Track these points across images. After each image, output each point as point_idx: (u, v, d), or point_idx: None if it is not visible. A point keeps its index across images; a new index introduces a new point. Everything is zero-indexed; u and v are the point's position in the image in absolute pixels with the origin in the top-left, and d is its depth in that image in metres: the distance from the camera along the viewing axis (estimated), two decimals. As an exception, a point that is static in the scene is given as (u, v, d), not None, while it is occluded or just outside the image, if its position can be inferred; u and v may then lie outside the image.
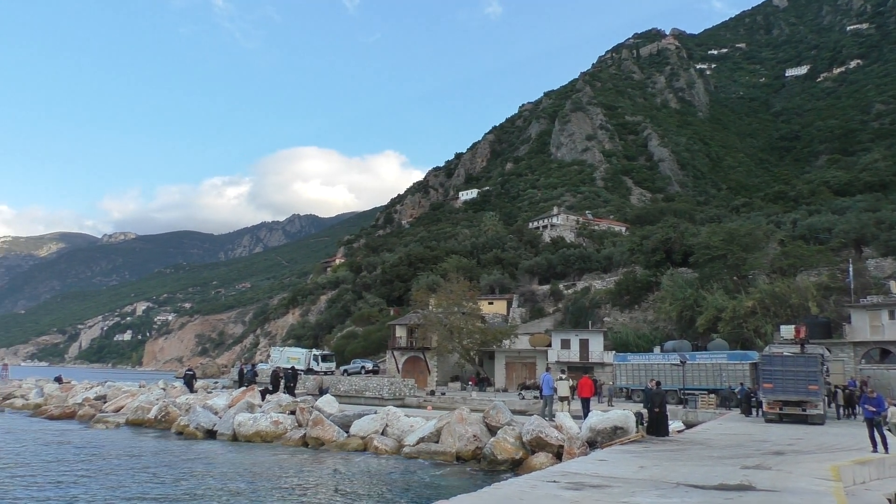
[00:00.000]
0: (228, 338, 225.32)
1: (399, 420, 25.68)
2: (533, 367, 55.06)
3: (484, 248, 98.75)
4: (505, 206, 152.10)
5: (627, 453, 15.46)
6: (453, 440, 22.38)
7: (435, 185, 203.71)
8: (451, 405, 36.65)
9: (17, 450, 24.44)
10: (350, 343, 78.66)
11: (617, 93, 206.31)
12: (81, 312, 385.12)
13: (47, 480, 18.45)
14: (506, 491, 9.44)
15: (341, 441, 25.19)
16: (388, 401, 39.62)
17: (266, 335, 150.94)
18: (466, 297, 56.26)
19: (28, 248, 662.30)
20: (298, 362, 56.70)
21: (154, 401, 35.05)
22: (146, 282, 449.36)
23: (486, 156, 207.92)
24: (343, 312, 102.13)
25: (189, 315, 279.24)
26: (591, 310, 64.13)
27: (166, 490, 17.27)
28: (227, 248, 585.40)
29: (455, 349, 54.59)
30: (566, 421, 22.01)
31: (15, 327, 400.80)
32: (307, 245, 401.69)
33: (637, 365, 43.89)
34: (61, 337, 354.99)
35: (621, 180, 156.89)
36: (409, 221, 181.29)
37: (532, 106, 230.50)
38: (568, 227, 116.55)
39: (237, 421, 27.82)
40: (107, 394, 41.13)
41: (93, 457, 22.86)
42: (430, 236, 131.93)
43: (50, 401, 40.95)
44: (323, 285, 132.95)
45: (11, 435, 29.33)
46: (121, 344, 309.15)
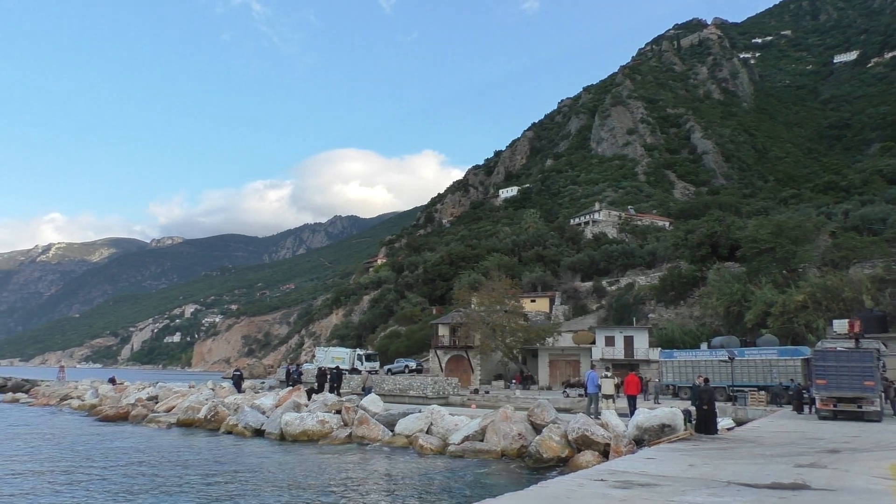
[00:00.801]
0: (274, 338, 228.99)
1: (443, 419, 25.72)
2: (577, 365, 54.63)
3: (525, 245, 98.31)
4: (545, 203, 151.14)
5: (676, 451, 15.21)
6: (498, 438, 22.33)
7: (475, 184, 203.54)
8: (494, 404, 36.58)
9: (76, 448, 25.22)
10: (393, 342, 79.14)
11: (658, 85, 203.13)
12: (133, 315, 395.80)
13: (103, 477, 18.99)
14: (553, 489, 9.37)
15: (387, 440, 25.36)
16: (432, 400, 39.74)
17: (310, 335, 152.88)
18: (508, 295, 56.06)
19: (81, 254, 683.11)
20: (343, 362, 57.28)
21: (203, 401, 35.76)
22: (194, 284, 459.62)
23: (525, 153, 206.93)
24: (386, 312, 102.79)
25: (235, 317, 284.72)
26: (635, 306, 63.33)
27: (217, 489, 17.62)
28: (271, 251, 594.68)
29: (498, 347, 54.48)
30: (612, 419, 21.76)
31: (70, 331, 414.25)
32: (349, 246, 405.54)
33: (684, 361, 43.16)
34: (114, 339, 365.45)
35: (664, 174, 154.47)
36: (450, 220, 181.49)
37: (571, 101, 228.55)
38: (610, 222, 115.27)
39: (284, 420, 28.21)
40: (158, 394, 42.11)
41: (147, 455, 23.46)
42: (471, 235, 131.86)
43: (104, 401, 42.10)
44: (365, 285, 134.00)
45: (69, 434, 30.28)
46: (170, 346, 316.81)
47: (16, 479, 18.88)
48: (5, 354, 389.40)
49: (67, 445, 26.31)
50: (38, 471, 20.27)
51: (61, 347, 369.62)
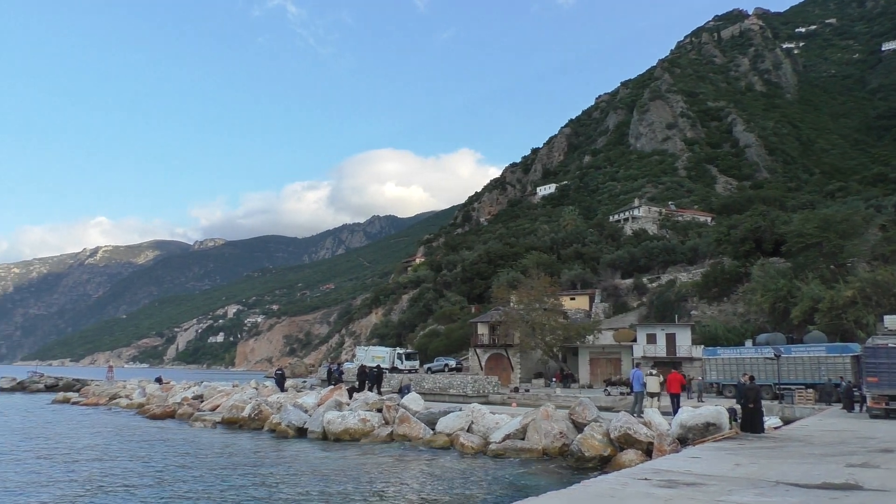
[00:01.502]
0: (315, 338, 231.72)
1: (484, 417, 25.71)
2: (618, 363, 54.09)
3: (564, 243, 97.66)
4: (584, 200, 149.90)
5: (721, 450, 14.96)
6: (539, 437, 22.24)
7: (512, 182, 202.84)
8: (535, 402, 36.44)
9: (124, 446, 25.90)
10: (432, 341, 79.36)
11: (698, 78, 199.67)
12: (177, 316, 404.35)
13: (153, 475, 19.46)
14: (596, 488, 9.31)
15: (428, 438, 25.45)
16: (472, 398, 39.75)
17: (350, 335, 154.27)
18: (547, 293, 55.75)
19: (127, 257, 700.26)
20: (383, 361, 57.62)
21: (247, 400, 36.36)
22: (236, 285, 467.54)
23: (563, 150, 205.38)
24: (425, 311, 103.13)
25: (277, 317, 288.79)
26: (677, 303, 62.42)
27: (261, 486, 17.91)
28: (311, 251, 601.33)
29: (538, 345, 54.23)
30: (655, 417, 21.49)
31: (118, 331, 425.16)
32: (387, 245, 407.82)
33: (728, 359, 42.37)
34: (160, 340, 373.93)
35: (705, 169, 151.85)
36: (488, 219, 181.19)
37: (609, 97, 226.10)
38: (650, 219, 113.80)
39: (326, 419, 28.52)
40: (203, 393, 42.96)
41: (194, 453, 23.98)
42: (509, 233, 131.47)
43: (152, 400, 43.14)
44: (404, 285, 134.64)
45: (119, 432, 31.11)
46: (214, 346, 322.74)
47: (78, 466, 19.49)
48: (56, 355, 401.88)
49: (126, 442, 27.05)
50: (97, 458, 20.89)
51: (109, 348, 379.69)
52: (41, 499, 16.27)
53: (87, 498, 16.42)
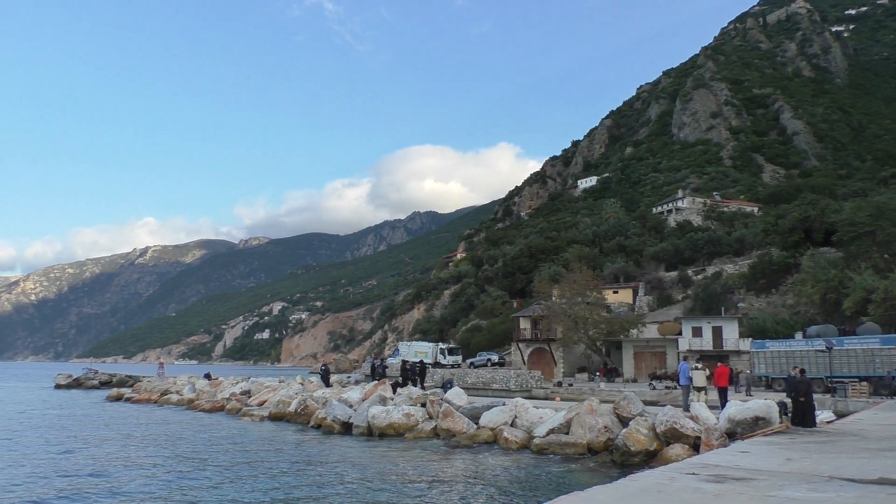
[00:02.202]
0: (358, 334, 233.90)
1: (528, 411, 25.65)
2: (663, 357, 53.36)
3: (606, 236, 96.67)
4: (626, 193, 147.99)
5: (772, 445, 14.65)
6: (584, 431, 22.09)
7: (552, 175, 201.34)
8: (579, 396, 36.19)
9: (179, 440, 26.58)
10: (475, 336, 79.42)
11: (742, 65, 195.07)
12: (224, 313, 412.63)
13: (205, 469, 19.93)
14: (642, 483, 9.20)
15: (471, 432, 25.49)
16: (516, 392, 39.66)
17: (393, 330, 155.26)
18: (590, 287, 55.26)
19: (175, 256, 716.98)
20: (426, 356, 57.88)
21: (293, 395, 36.96)
22: (280, 283, 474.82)
23: (603, 142, 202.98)
24: (466, 306, 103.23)
25: (321, 313, 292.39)
26: (723, 295, 61.28)
27: (307, 481, 18.19)
28: (353, 248, 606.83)
29: (581, 340, 53.81)
30: (702, 411, 21.16)
31: (168, 329, 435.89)
32: (428, 241, 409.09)
33: (777, 352, 41.43)
34: (208, 337, 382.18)
35: (751, 158, 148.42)
36: (528, 213, 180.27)
37: (650, 87, 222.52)
38: (694, 210, 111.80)
39: (371, 414, 28.79)
40: (251, 389, 43.77)
41: (242, 446, 24.51)
42: (550, 227, 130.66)
43: (201, 396, 44.11)
44: (446, 280, 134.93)
45: (171, 426, 31.93)
46: (260, 342, 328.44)
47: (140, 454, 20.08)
48: (110, 352, 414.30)
49: (178, 437, 27.79)
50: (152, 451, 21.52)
51: (160, 345, 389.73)
52: (108, 485, 16.82)
53: (145, 483, 16.92)
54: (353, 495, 16.15)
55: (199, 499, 15.87)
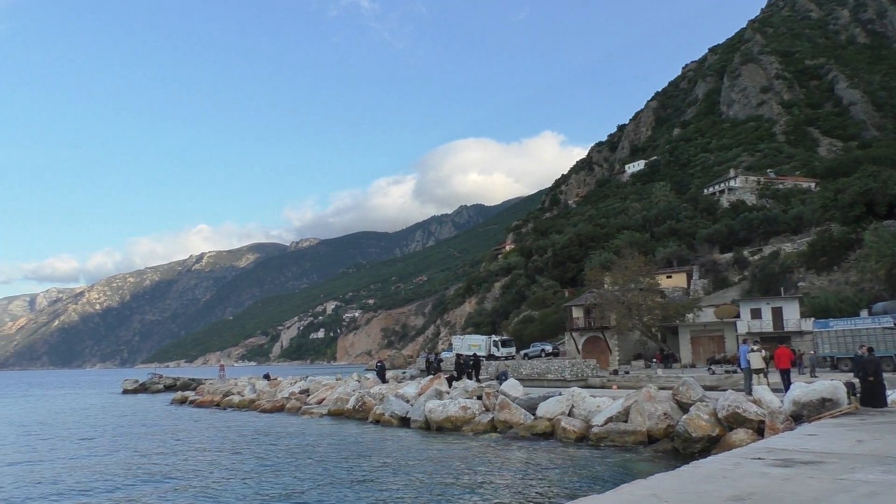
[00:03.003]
0: (411, 329, 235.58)
1: (585, 401, 25.42)
2: (721, 341, 52.24)
3: (657, 220, 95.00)
4: (675, 175, 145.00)
5: (840, 427, 14.20)
6: (643, 419, 21.79)
7: (599, 161, 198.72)
8: (636, 384, 35.72)
9: (245, 438, 27.26)
10: (527, 327, 79.15)
11: (793, 37, 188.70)
12: (280, 315, 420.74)
13: (274, 464, 20.40)
14: (706, 469, 9.05)
15: (529, 423, 25.41)
16: (571, 382, 39.37)
17: (445, 325, 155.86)
18: (643, 273, 54.43)
19: (229, 261, 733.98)
20: (479, 349, 57.96)
21: (351, 392, 37.46)
22: (332, 282, 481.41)
23: (650, 124, 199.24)
24: (518, 297, 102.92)
25: (373, 311, 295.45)
26: (781, 275, 59.61)
27: (369, 474, 18.43)
28: (402, 245, 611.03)
29: (635, 326, 53.09)
30: (765, 394, 20.63)
31: (226, 332, 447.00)
32: (476, 234, 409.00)
33: (841, 331, 40.11)
34: (265, 338, 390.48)
35: (805, 132, 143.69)
36: (576, 201, 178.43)
37: (696, 65, 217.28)
38: (748, 189, 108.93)
39: (428, 408, 28.98)
40: (309, 387, 44.52)
41: (305, 443, 24.98)
42: (599, 214, 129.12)
43: (262, 396, 45.05)
44: (495, 272, 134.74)
45: (236, 426, 32.75)
46: (316, 341, 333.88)
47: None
48: (172, 356, 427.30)
49: (245, 435, 28.52)
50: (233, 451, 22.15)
51: (219, 348, 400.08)
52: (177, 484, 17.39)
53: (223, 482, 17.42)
54: (415, 487, 16.30)
55: (269, 492, 16.25)
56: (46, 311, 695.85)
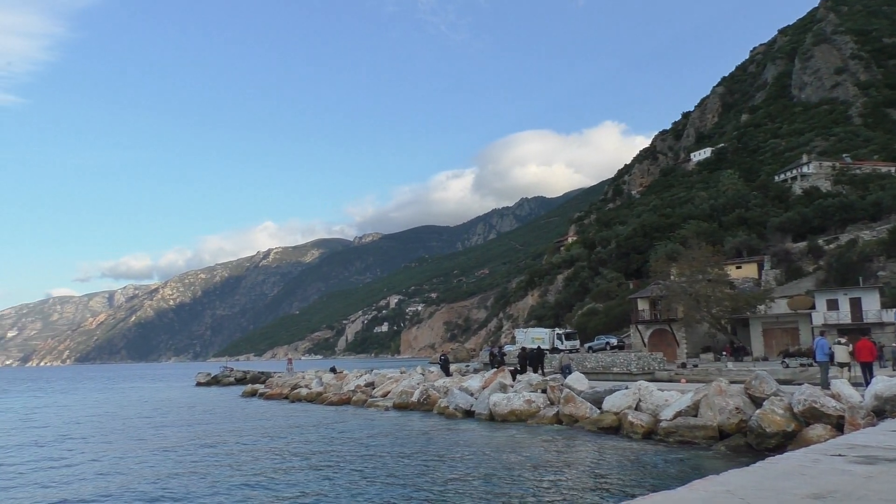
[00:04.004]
0: (473, 323, 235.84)
1: (652, 394, 24.97)
2: (795, 333, 50.39)
3: (725, 209, 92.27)
4: (744, 162, 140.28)
5: (927, 423, 13.52)
6: (713, 413, 21.24)
7: (663, 150, 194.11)
8: (705, 377, 34.85)
9: (318, 430, 27.89)
10: (591, 320, 78.19)
11: (868, 14, 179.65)
12: (344, 309, 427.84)
13: (344, 455, 20.81)
14: (783, 466, 8.75)
15: (594, 417, 25.15)
16: (637, 375, 38.72)
17: (508, 318, 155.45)
18: (711, 263, 52.96)
19: (295, 256, 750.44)
20: (543, 342, 57.59)
21: (415, 385, 37.85)
22: (395, 276, 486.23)
23: (716, 111, 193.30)
24: (581, 290, 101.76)
25: (436, 304, 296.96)
26: (859, 264, 57.07)
27: (436, 467, 18.58)
28: (463, 238, 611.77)
29: (703, 319, 51.72)
30: (844, 389, 19.81)
31: (293, 326, 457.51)
32: (538, 226, 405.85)
33: (927, 322, 38.11)
34: (330, 332, 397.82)
35: (884, 113, 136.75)
36: (640, 191, 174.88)
37: (765, 48, 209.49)
38: (822, 175, 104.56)
39: (492, 401, 29.01)
40: (374, 381, 45.16)
41: (373, 434, 25.38)
42: (664, 204, 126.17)
43: (328, 389, 45.92)
44: (558, 265, 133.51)
45: (307, 418, 33.54)
46: (380, 335, 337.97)
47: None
48: (242, 350, 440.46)
49: (317, 426, 29.20)
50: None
51: (287, 342, 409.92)
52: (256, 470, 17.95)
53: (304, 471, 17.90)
54: (483, 478, 16.34)
55: (340, 482, 16.60)
56: (124, 307, 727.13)
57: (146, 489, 17.13)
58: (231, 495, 16.04)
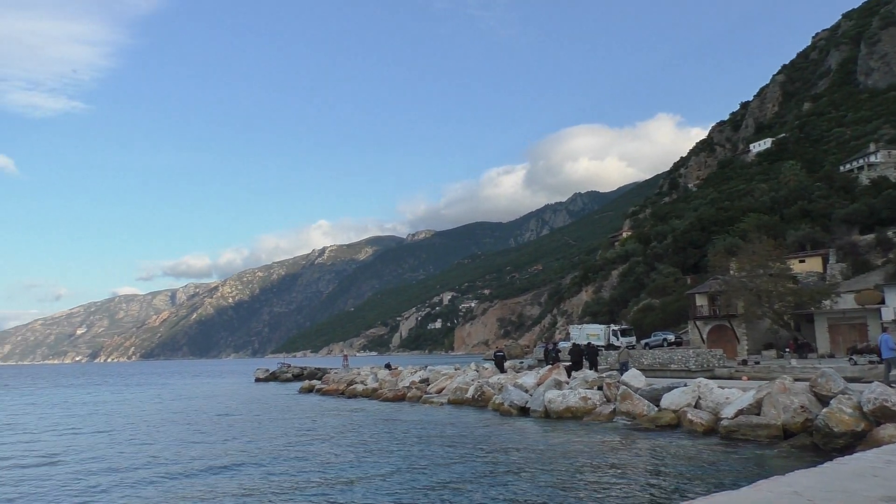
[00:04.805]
0: (527, 319, 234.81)
1: (712, 392, 24.43)
2: (863, 329, 48.52)
3: (787, 201, 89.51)
4: (806, 153, 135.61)
5: None
6: (777, 412, 20.65)
7: (720, 142, 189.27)
8: (767, 375, 33.94)
9: (378, 426, 28.26)
10: (647, 316, 76.99)
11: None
12: (398, 306, 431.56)
13: (403, 450, 21.05)
14: (853, 466, 8.47)
15: (652, 415, 24.76)
16: (696, 373, 37.93)
17: (562, 314, 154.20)
18: (772, 257, 51.44)
19: (349, 254, 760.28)
20: (598, 338, 56.95)
21: (469, 382, 37.93)
22: (448, 273, 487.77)
23: (777, 100, 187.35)
24: (636, 285, 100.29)
25: (489, 301, 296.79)
26: (933, 257, 54.52)
27: (496, 464, 18.61)
28: (516, 234, 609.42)
29: (765, 314, 50.31)
30: (917, 387, 19.01)
31: (348, 323, 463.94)
32: (592, 222, 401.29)
33: None
34: (385, 329, 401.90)
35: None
36: (697, 184, 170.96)
37: (828, 33, 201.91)
38: (891, 164, 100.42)
39: (547, 398, 28.85)
40: (428, 377, 45.42)
41: (430, 430, 25.57)
42: (722, 196, 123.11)
43: (384, 385, 46.39)
44: (612, 260, 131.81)
45: (364, 414, 34.00)
46: (433, 332, 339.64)
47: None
48: (298, 347, 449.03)
49: (374, 423, 29.62)
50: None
51: (342, 338, 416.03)
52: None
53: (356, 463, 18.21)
54: (541, 475, 16.29)
55: (398, 478, 16.81)
56: (185, 305, 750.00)
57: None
58: (306, 488, 16.39)
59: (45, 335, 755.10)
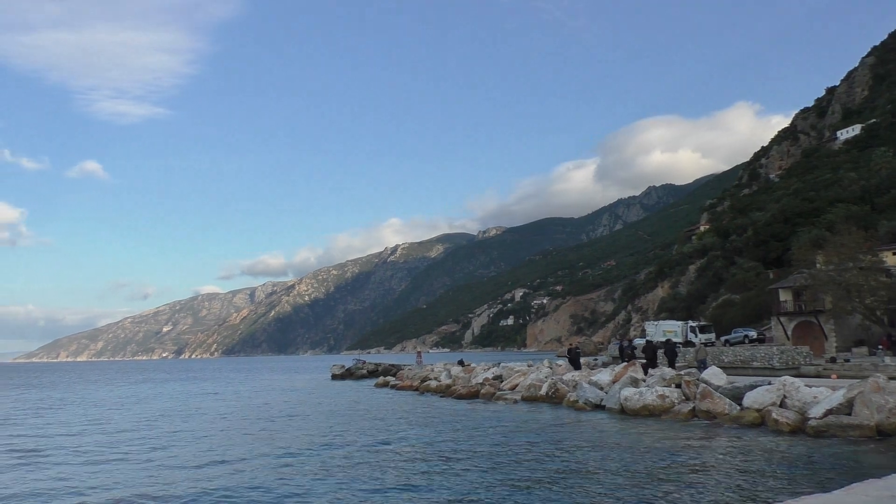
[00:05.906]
0: (600, 316, 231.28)
1: (799, 391, 23.45)
2: (966, 324, 45.57)
3: (879, 190, 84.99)
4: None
5: None
6: (870, 412, 19.66)
7: (804, 129, 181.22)
8: (858, 373, 32.33)
9: (458, 422, 28.47)
10: (727, 312, 74.58)
11: None
12: (470, 303, 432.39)
13: (485, 448, 21.14)
14: (957, 470, 7.95)
15: (734, 414, 23.96)
16: (780, 370, 36.47)
17: (637, 310, 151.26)
18: (863, 249, 48.89)
19: (421, 252, 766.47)
20: (675, 335, 55.56)
21: (543, 379, 37.66)
22: (519, 269, 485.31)
23: (866, 83, 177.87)
24: (715, 280, 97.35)
25: (561, 297, 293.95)
26: None
27: (577, 462, 18.43)
28: (588, 229, 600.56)
29: (855, 310, 47.88)
30: None
31: (420, 320, 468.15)
32: (667, 215, 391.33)
33: None
34: (457, 326, 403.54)
35: None
36: (779, 174, 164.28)
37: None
38: None
39: (623, 396, 28.35)
40: (502, 374, 45.37)
41: (506, 427, 25.55)
42: (807, 187, 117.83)
43: (457, 382, 46.57)
44: (689, 254, 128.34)
45: (439, 410, 34.28)
46: (505, 328, 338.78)
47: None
48: (372, 344, 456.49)
49: (451, 418, 29.88)
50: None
51: (415, 335, 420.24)
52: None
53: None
54: (622, 474, 16.04)
55: (474, 475, 16.88)
56: (264, 303, 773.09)
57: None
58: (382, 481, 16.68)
59: (135, 332, 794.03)
